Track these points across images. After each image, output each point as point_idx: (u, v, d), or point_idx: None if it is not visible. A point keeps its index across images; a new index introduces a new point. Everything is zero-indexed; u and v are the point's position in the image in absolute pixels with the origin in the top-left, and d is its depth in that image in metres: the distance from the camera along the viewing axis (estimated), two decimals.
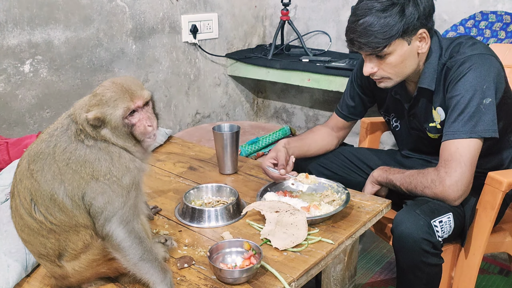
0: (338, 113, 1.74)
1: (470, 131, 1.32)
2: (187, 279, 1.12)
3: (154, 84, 2.63)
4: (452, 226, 1.36)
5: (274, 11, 3.14)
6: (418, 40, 1.37)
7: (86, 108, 1.02)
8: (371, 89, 1.64)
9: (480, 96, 1.32)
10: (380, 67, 1.40)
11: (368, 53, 1.38)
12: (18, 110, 2.11)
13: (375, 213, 1.39)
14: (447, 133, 1.36)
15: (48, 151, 1.01)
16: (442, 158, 1.36)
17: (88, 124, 1.01)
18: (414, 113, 1.54)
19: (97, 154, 1.01)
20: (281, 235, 1.25)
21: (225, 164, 1.68)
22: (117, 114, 1.01)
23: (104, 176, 1.00)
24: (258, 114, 3.41)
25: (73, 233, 1.02)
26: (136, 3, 2.44)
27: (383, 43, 1.33)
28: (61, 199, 0.99)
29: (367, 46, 1.35)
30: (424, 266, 1.32)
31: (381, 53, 1.36)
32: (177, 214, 1.43)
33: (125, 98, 1.01)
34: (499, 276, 2.02)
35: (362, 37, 1.34)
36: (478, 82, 1.32)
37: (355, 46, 1.38)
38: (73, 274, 1.05)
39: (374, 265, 2.14)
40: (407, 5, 1.32)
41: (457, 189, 1.33)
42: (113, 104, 1.01)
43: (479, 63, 1.34)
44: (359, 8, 1.35)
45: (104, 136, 1.02)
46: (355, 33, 1.35)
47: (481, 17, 2.23)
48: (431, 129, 1.50)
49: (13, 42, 2.04)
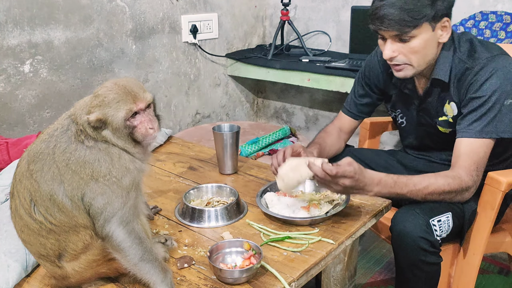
0: (346, 113, 1.73)
1: (491, 131, 1.35)
2: (187, 279, 1.12)
3: (154, 84, 2.63)
4: (451, 226, 1.36)
5: (274, 11, 3.14)
6: (441, 29, 1.37)
7: (87, 109, 1.02)
8: (380, 87, 1.64)
9: (503, 98, 1.34)
10: (402, 51, 1.38)
11: (394, 33, 1.35)
12: (18, 110, 2.11)
13: (375, 213, 1.39)
14: (467, 130, 1.37)
15: (47, 152, 1.01)
16: (460, 154, 1.37)
17: (89, 125, 1.01)
18: (424, 107, 1.53)
19: (96, 155, 1.01)
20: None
21: (225, 164, 1.68)
22: (119, 116, 1.00)
23: (103, 177, 1.00)
24: (258, 114, 3.41)
25: (73, 234, 1.02)
26: (136, 3, 2.44)
27: (414, 23, 1.31)
28: (61, 200, 0.99)
29: (398, 24, 1.32)
30: (422, 265, 1.33)
31: (407, 35, 1.34)
32: (177, 214, 1.43)
33: (128, 100, 1.01)
34: (499, 276, 2.02)
35: (394, 14, 1.31)
36: (502, 84, 1.34)
37: (384, 24, 1.34)
38: (73, 274, 1.05)
39: (374, 265, 2.14)
40: None
41: (473, 190, 1.37)
42: (115, 105, 1.00)
43: (501, 65, 1.35)
44: None
45: (104, 137, 1.02)
46: (385, 9, 1.32)
47: (481, 17, 2.23)
48: (442, 123, 1.49)
49: (13, 42, 2.04)
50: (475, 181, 1.36)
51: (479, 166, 1.36)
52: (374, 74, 1.63)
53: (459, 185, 1.34)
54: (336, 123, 1.75)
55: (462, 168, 1.35)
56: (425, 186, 1.34)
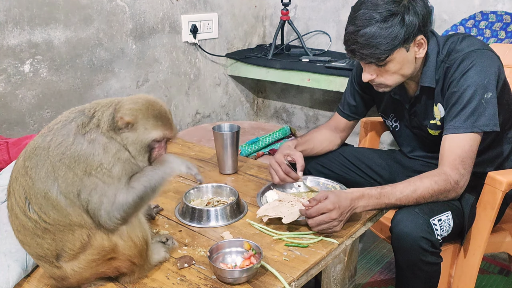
0: (340, 113, 1.73)
1: (471, 125, 1.33)
2: (187, 279, 1.12)
3: (154, 84, 2.63)
4: (451, 225, 1.36)
5: (274, 11, 3.14)
6: (416, 46, 1.37)
7: (118, 106, 1.04)
8: (370, 89, 1.64)
9: (482, 91, 1.33)
10: (379, 74, 1.40)
11: (367, 62, 1.37)
12: (18, 110, 2.11)
13: (375, 213, 1.39)
14: (448, 127, 1.37)
15: (43, 146, 1.00)
16: (444, 152, 1.36)
17: (113, 121, 1.02)
18: (415, 111, 1.54)
19: (93, 149, 1.00)
20: (271, 211, 1.32)
21: (225, 164, 1.68)
22: (151, 135, 1.06)
23: (95, 169, 1.00)
24: (258, 114, 3.41)
25: (68, 233, 1.01)
26: (136, 3, 2.44)
27: (386, 54, 1.32)
28: (55, 197, 0.98)
29: (369, 57, 1.33)
30: (423, 265, 1.33)
31: (382, 62, 1.34)
32: (177, 214, 1.43)
33: (167, 126, 1.09)
34: (499, 276, 2.02)
35: (365, 48, 1.32)
36: (480, 78, 1.33)
37: (357, 57, 1.36)
38: (73, 274, 1.05)
39: (374, 265, 2.14)
40: (407, 13, 1.30)
41: (463, 184, 1.35)
42: (153, 123, 1.06)
43: (479, 59, 1.35)
44: (358, 17, 1.32)
45: (122, 137, 1.03)
46: (356, 44, 1.33)
47: (481, 17, 2.23)
48: (432, 126, 1.50)
49: (13, 42, 2.04)
50: (462, 175, 1.34)
51: (465, 160, 1.34)
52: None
53: (446, 181, 1.33)
54: (331, 123, 1.75)
55: (446, 164, 1.34)
56: (413, 191, 1.33)
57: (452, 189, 1.34)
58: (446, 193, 1.35)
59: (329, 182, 1.53)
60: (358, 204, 1.31)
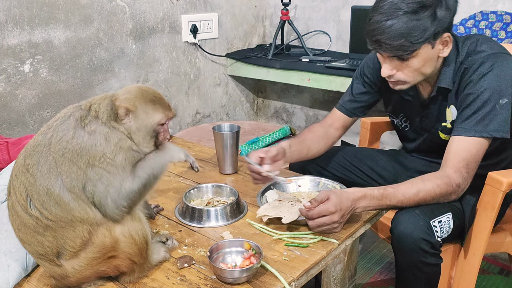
0: (340, 109, 1.68)
1: (482, 130, 1.32)
2: (187, 279, 1.12)
3: (154, 84, 2.63)
4: (452, 226, 1.36)
5: (274, 11, 3.14)
6: (441, 44, 1.33)
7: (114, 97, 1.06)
8: (379, 87, 1.62)
9: (497, 96, 1.31)
10: (400, 69, 1.35)
11: (391, 55, 1.32)
12: (18, 110, 2.11)
13: (375, 213, 1.39)
14: (457, 128, 1.35)
15: (44, 143, 1.01)
16: (449, 153, 1.35)
17: (111, 111, 1.04)
18: (427, 113, 1.51)
19: (94, 140, 1.01)
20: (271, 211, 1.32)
21: (225, 164, 1.68)
22: (155, 119, 1.08)
23: (99, 160, 1.00)
24: (258, 114, 3.41)
25: (70, 229, 1.01)
26: (136, 3, 2.44)
27: (413, 47, 1.27)
28: (58, 193, 0.98)
29: (397, 49, 1.28)
30: (423, 266, 1.32)
31: (406, 56, 1.30)
32: (177, 214, 1.43)
33: (165, 107, 1.11)
34: (499, 276, 2.02)
35: (392, 39, 1.27)
36: (498, 82, 1.31)
37: (382, 48, 1.31)
38: (73, 273, 1.05)
39: (374, 265, 2.14)
40: (440, 7, 1.26)
41: (464, 187, 1.34)
42: (153, 107, 1.09)
43: (499, 63, 1.32)
44: (385, 6, 1.27)
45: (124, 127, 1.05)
46: (383, 34, 1.27)
47: (481, 17, 2.23)
48: (444, 129, 1.47)
49: (13, 42, 2.04)
50: (464, 178, 1.33)
51: (469, 164, 1.32)
52: (374, 72, 1.61)
53: (448, 184, 1.32)
54: (328, 120, 1.70)
55: (450, 166, 1.33)
56: (415, 194, 1.32)
57: (453, 192, 1.34)
58: (447, 196, 1.34)
59: (329, 182, 1.52)
60: (359, 205, 1.30)
